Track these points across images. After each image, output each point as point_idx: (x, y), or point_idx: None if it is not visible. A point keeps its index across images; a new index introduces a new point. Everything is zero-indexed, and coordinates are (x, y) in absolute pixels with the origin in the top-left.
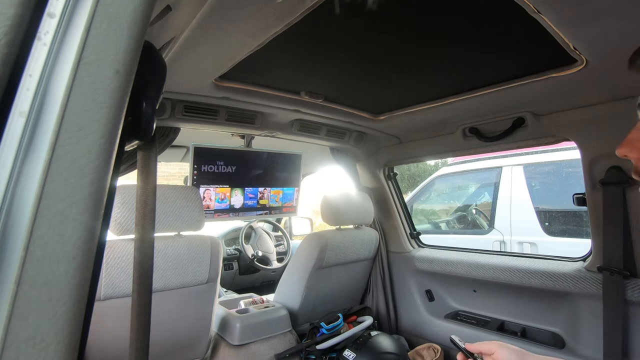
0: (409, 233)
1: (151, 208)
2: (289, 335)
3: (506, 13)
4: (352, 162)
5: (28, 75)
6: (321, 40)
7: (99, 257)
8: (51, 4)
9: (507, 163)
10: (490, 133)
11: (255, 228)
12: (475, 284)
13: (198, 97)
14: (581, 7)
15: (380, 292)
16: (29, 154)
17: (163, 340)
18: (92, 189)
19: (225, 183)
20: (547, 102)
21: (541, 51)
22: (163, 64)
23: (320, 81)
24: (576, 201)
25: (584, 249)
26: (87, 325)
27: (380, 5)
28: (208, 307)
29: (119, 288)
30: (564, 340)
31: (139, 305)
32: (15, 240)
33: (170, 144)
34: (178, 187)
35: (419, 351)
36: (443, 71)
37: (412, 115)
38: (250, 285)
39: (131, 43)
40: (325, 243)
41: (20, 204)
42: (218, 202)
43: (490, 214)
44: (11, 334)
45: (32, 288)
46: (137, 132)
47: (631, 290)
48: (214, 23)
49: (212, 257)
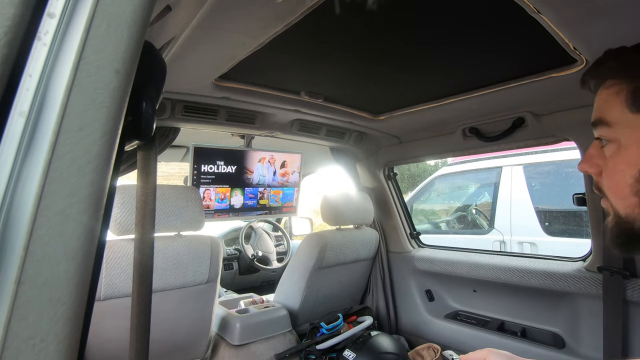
0: (409, 233)
1: (151, 208)
2: (289, 335)
3: (506, 13)
4: (352, 162)
5: (28, 75)
6: (321, 40)
7: (99, 257)
8: (51, 4)
9: (507, 163)
10: (490, 133)
11: (255, 228)
12: (475, 284)
13: (198, 97)
14: (581, 7)
15: (380, 292)
16: (29, 154)
17: (163, 340)
18: (92, 189)
19: (225, 183)
20: (547, 102)
21: (541, 51)
22: (163, 64)
23: (320, 81)
24: (576, 201)
25: (584, 249)
26: (87, 325)
27: (380, 5)
28: (208, 307)
29: (119, 288)
30: (564, 340)
31: (139, 305)
32: (15, 240)
33: (170, 144)
34: (178, 187)
35: (419, 351)
36: (443, 71)
37: (412, 115)
38: (250, 285)
39: (131, 43)
40: (325, 243)
41: (20, 204)
42: (218, 202)
43: (490, 214)
44: (11, 334)
45: (32, 288)
46: (137, 132)
47: (631, 290)
48: (214, 23)
49: (212, 257)
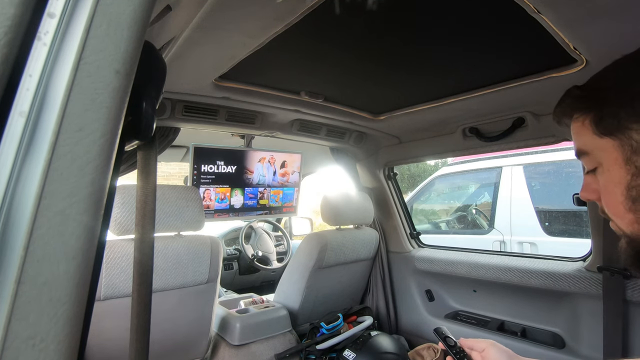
0: (409, 233)
1: (151, 208)
2: (289, 335)
3: (506, 13)
4: (352, 162)
5: (28, 75)
6: (321, 40)
7: (99, 257)
8: (51, 4)
9: (507, 163)
10: (490, 133)
11: (255, 228)
12: (475, 284)
13: (198, 97)
14: (581, 7)
15: (380, 292)
16: (29, 154)
17: (163, 340)
18: (92, 189)
19: (225, 183)
20: (547, 102)
21: (541, 51)
22: (163, 64)
23: (320, 81)
24: (576, 201)
25: (584, 249)
26: (87, 325)
27: (380, 5)
28: (208, 307)
29: (119, 288)
30: (564, 340)
31: (139, 305)
32: (15, 240)
33: (170, 144)
34: (178, 187)
35: (419, 351)
36: (443, 71)
37: (412, 115)
38: (250, 285)
39: (131, 43)
40: (325, 243)
41: (20, 204)
42: (218, 202)
43: (490, 214)
44: (11, 334)
45: (32, 288)
46: (137, 132)
47: (631, 290)
48: (214, 23)
49: (212, 257)
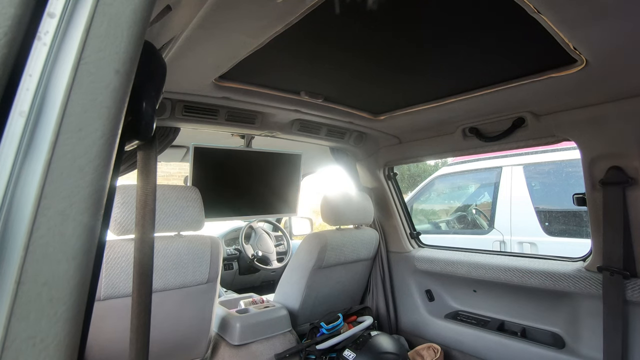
0: (409, 233)
1: (151, 208)
2: (289, 335)
3: (506, 13)
4: (352, 162)
5: (28, 75)
6: (321, 40)
7: (99, 257)
8: (51, 4)
9: (507, 163)
10: (490, 133)
11: (255, 228)
12: (475, 284)
13: (198, 97)
14: (581, 7)
15: (380, 292)
16: (29, 154)
17: (163, 340)
18: (92, 188)
19: None
20: (547, 102)
21: (541, 51)
22: (163, 64)
23: (320, 81)
24: (576, 201)
25: (584, 249)
26: (87, 325)
27: (381, 5)
28: (208, 307)
29: (119, 288)
30: (564, 340)
31: (139, 305)
32: (15, 240)
33: (170, 144)
34: (178, 187)
35: (419, 351)
36: (443, 71)
37: (412, 115)
38: (250, 285)
39: (131, 43)
40: (325, 243)
41: (20, 204)
42: None
43: (490, 214)
44: (11, 334)
45: (33, 288)
46: (137, 132)
47: (631, 290)
48: (214, 23)
49: (212, 257)
